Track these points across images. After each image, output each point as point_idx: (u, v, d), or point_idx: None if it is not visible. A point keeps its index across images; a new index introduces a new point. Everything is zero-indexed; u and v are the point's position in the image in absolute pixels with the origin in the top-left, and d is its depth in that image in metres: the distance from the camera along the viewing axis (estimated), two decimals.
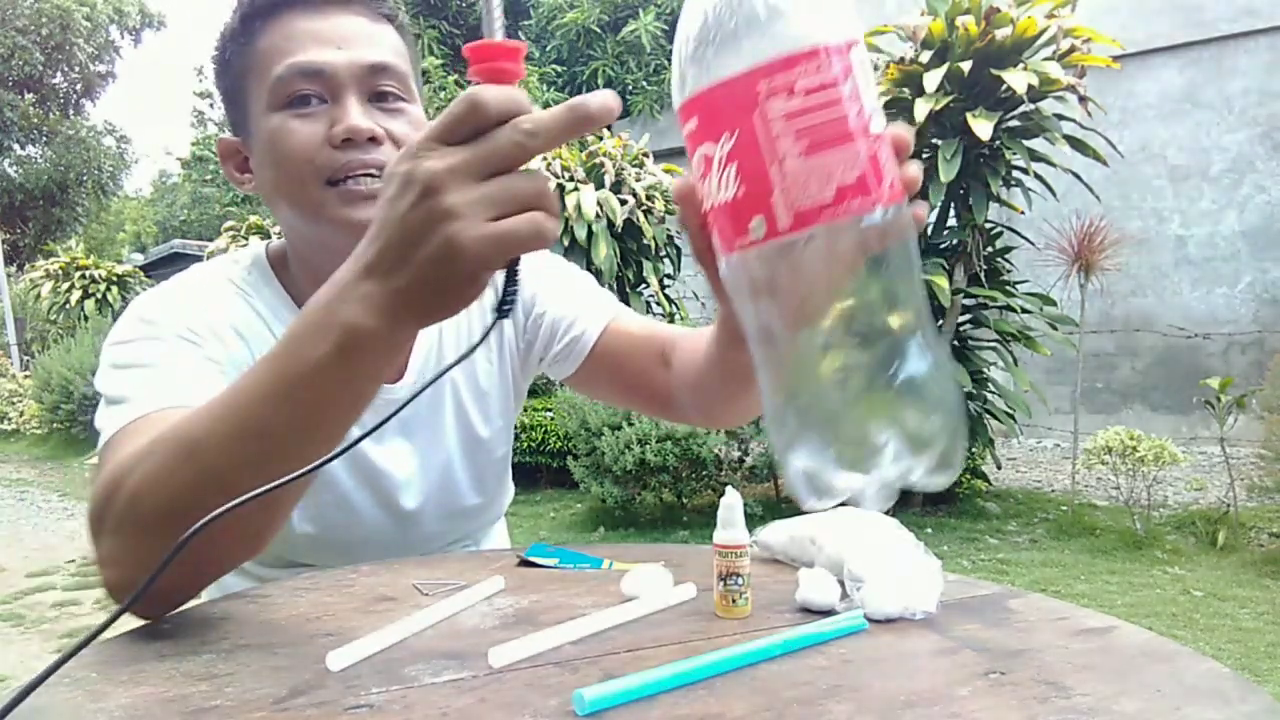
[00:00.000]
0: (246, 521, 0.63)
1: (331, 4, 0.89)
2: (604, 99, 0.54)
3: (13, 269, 17.65)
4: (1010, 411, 5.26)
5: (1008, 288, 5.23)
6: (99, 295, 12.16)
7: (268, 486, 0.55)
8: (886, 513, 0.65)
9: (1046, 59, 4.69)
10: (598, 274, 5.83)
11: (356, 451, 0.94)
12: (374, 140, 0.86)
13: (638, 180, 6.28)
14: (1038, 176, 4.93)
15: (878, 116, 0.51)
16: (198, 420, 0.63)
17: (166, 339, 0.85)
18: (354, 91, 0.87)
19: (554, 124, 0.53)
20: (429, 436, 1.00)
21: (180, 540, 0.53)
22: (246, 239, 8.28)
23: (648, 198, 6.25)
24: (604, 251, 5.83)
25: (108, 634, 0.54)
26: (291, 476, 0.56)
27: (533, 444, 5.73)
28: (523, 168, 0.54)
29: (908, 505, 4.97)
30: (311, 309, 0.58)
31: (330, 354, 0.57)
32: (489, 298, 0.91)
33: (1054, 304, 5.18)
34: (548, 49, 11.57)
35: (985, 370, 5.24)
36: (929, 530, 4.64)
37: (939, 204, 5.03)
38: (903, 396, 0.52)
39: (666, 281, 6.75)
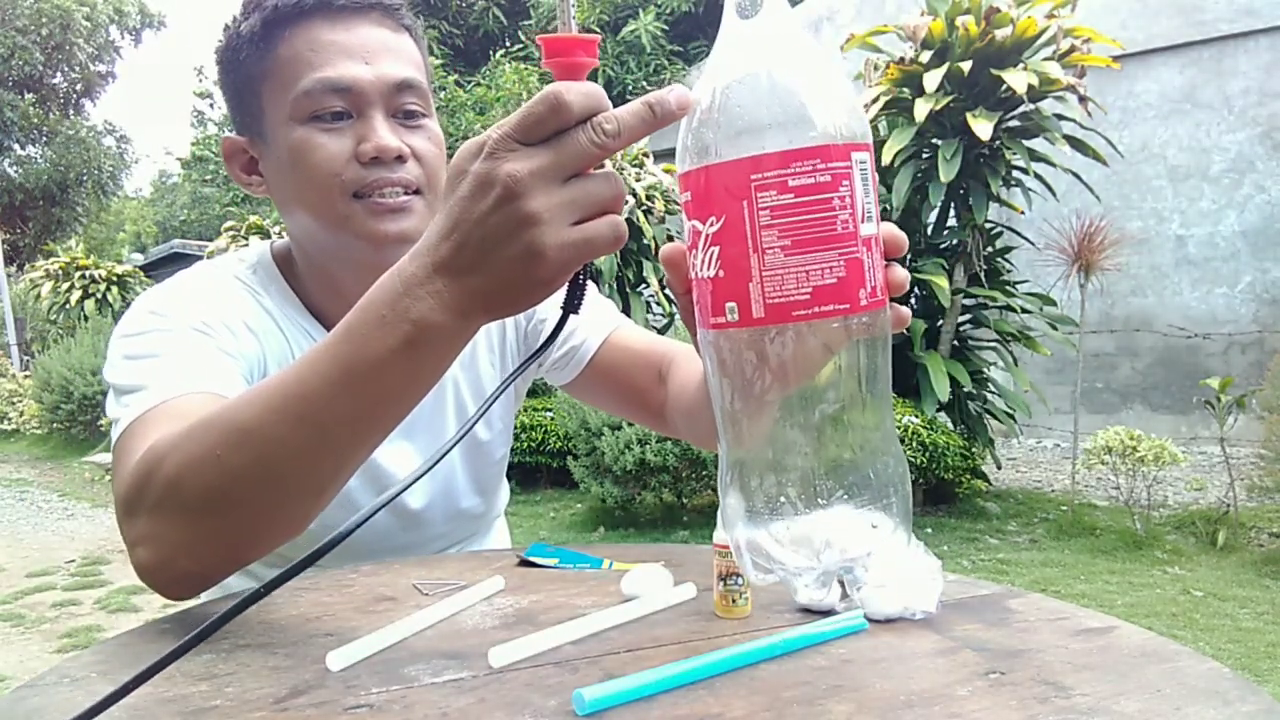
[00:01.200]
0: (294, 506, 0.64)
1: (355, 14, 0.89)
2: (681, 94, 0.54)
3: (13, 269, 17.64)
4: (1010, 411, 5.26)
5: (1008, 288, 5.23)
6: (99, 295, 12.14)
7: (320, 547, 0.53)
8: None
9: (1046, 59, 4.69)
10: (597, 274, 5.83)
11: None
12: (399, 158, 0.87)
13: (638, 180, 6.28)
14: (1038, 176, 4.93)
15: (870, 220, 0.51)
16: (247, 407, 0.62)
17: (178, 330, 0.85)
18: (380, 108, 0.88)
19: (634, 122, 0.54)
20: (430, 438, 0.99)
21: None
22: (246, 239, 8.27)
23: (648, 198, 6.25)
24: None
25: (107, 634, 0.54)
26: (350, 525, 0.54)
27: (533, 444, 5.72)
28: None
29: None
30: (375, 301, 0.58)
31: (398, 347, 0.57)
32: None
33: (1054, 304, 5.18)
34: None
35: (985, 370, 5.24)
36: (929, 530, 4.64)
37: (939, 204, 5.03)
38: (854, 490, 0.53)
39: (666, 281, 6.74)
